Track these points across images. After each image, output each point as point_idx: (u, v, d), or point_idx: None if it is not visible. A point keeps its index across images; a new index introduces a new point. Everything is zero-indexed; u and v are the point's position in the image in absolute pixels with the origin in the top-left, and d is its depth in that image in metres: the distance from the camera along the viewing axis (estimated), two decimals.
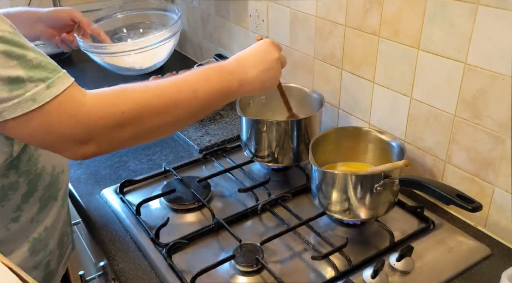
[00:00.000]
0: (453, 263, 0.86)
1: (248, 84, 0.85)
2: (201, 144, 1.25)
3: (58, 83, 0.67)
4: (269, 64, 0.88)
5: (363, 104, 1.13)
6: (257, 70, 0.86)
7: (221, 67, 0.84)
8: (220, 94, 0.82)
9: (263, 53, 0.88)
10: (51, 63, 0.68)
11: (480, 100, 0.87)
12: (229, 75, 0.83)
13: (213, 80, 0.81)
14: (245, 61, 0.87)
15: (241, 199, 1.05)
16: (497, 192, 0.90)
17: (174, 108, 0.76)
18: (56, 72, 0.68)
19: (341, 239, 0.92)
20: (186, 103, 0.77)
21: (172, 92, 0.76)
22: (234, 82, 0.83)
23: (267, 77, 0.88)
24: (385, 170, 0.87)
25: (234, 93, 0.84)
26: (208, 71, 0.82)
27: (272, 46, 0.90)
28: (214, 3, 1.60)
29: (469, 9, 0.84)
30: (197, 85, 0.79)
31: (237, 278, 0.85)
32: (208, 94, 0.79)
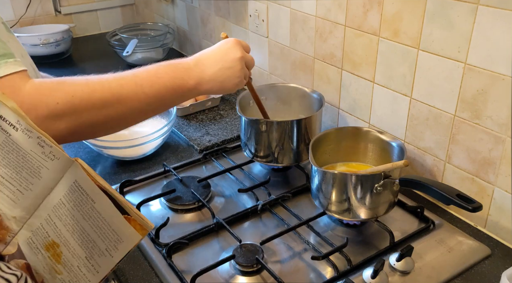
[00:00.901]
0: (453, 263, 0.86)
1: (206, 83, 0.84)
2: (201, 144, 1.25)
3: (3, 67, 0.66)
4: (230, 63, 0.86)
5: (363, 104, 1.13)
6: (216, 69, 0.85)
7: (175, 65, 0.82)
8: (172, 91, 0.80)
9: (224, 52, 0.87)
10: (5, 49, 0.67)
11: (480, 100, 0.87)
12: (184, 73, 0.81)
13: (164, 77, 0.79)
14: (204, 59, 0.85)
15: (241, 199, 1.05)
16: (497, 192, 0.90)
17: (116, 103, 0.74)
18: (6, 58, 0.67)
19: (341, 239, 0.92)
20: (130, 99, 0.75)
21: (115, 86, 0.74)
22: (190, 80, 0.82)
23: (227, 76, 0.86)
24: (385, 170, 0.87)
25: (190, 91, 0.83)
26: (160, 67, 0.80)
27: (235, 45, 0.88)
28: (214, 3, 1.61)
29: (469, 9, 0.84)
30: (145, 81, 0.77)
31: (237, 278, 0.85)
32: (157, 91, 0.78)
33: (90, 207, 0.56)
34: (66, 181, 0.57)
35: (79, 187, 0.56)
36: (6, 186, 0.60)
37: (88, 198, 0.56)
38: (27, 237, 0.61)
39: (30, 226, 0.61)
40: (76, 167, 0.56)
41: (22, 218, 0.61)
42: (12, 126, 0.57)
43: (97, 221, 0.56)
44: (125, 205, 0.54)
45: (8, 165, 0.58)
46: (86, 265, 0.58)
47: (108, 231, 0.56)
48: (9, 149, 0.58)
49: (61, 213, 0.58)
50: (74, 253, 0.59)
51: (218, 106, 1.45)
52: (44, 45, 1.78)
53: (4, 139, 0.57)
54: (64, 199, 0.58)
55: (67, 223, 0.58)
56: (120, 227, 0.55)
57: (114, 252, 0.56)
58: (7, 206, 0.60)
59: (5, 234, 0.62)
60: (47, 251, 0.60)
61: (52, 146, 0.56)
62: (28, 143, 0.57)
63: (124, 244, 0.56)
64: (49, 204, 0.59)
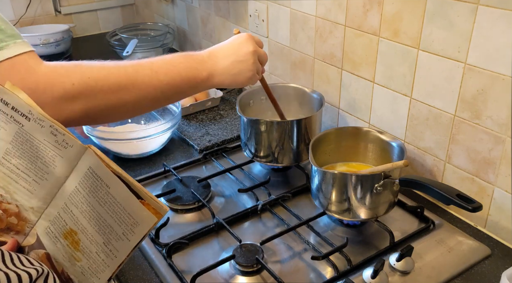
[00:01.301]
0: (453, 263, 0.86)
1: (219, 75, 0.85)
2: (201, 144, 1.25)
3: (13, 47, 0.66)
4: (243, 56, 0.87)
5: (363, 104, 1.13)
6: (228, 62, 0.86)
7: (190, 56, 0.83)
8: (186, 81, 0.81)
9: (237, 46, 0.88)
10: (12, 29, 0.67)
11: (480, 100, 0.87)
12: (198, 64, 0.82)
13: (179, 66, 0.80)
14: (217, 52, 0.86)
15: (241, 199, 1.05)
16: (497, 192, 0.90)
17: (132, 87, 0.75)
18: (14, 38, 0.67)
19: (341, 239, 0.92)
20: (145, 84, 0.76)
21: (131, 71, 0.75)
22: (203, 71, 0.83)
23: (239, 70, 0.87)
24: (385, 170, 0.87)
25: (204, 82, 0.84)
26: (176, 57, 0.82)
27: (248, 39, 0.89)
28: (214, 3, 1.61)
29: (469, 9, 0.84)
30: (160, 68, 0.78)
31: (237, 278, 0.85)
32: (171, 79, 0.79)
33: (105, 193, 0.56)
34: (81, 168, 0.58)
35: (93, 174, 0.57)
36: (22, 177, 0.60)
37: (102, 184, 0.56)
38: (45, 227, 0.62)
39: (48, 216, 0.61)
40: (89, 154, 0.56)
41: (40, 208, 0.61)
42: (24, 117, 0.57)
43: (112, 206, 0.56)
44: (140, 189, 0.55)
45: (22, 156, 0.59)
46: (104, 250, 0.59)
47: (124, 215, 0.56)
48: (22, 139, 0.58)
49: (77, 200, 0.59)
50: (92, 239, 0.59)
51: (218, 106, 1.45)
52: (44, 45, 1.78)
53: (17, 130, 0.58)
54: (79, 186, 0.58)
55: (83, 210, 0.58)
56: (135, 211, 0.55)
57: (131, 236, 0.57)
58: (24, 197, 0.61)
59: (24, 225, 0.63)
60: (65, 239, 0.61)
61: (65, 134, 0.57)
62: (41, 132, 0.57)
63: (140, 227, 0.56)
64: (64, 193, 0.59)
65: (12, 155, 0.59)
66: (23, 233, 0.63)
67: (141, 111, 0.81)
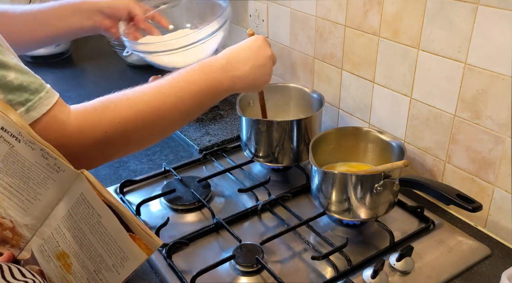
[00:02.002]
0: (453, 263, 0.86)
1: (240, 81, 0.82)
2: (201, 144, 1.25)
3: (39, 105, 0.62)
4: (262, 60, 0.85)
5: (363, 104, 1.13)
6: (249, 66, 0.83)
7: (209, 66, 0.80)
8: (210, 96, 0.79)
9: (256, 49, 0.85)
10: (34, 82, 0.63)
11: (480, 100, 0.87)
12: (219, 74, 0.80)
13: (201, 83, 0.77)
14: (236, 56, 0.84)
15: (241, 199, 1.05)
16: (497, 192, 0.90)
17: (160, 120, 0.73)
18: (38, 93, 0.62)
19: (341, 239, 0.92)
20: (172, 113, 0.74)
21: (157, 103, 0.72)
22: (225, 80, 0.80)
23: (259, 74, 0.85)
24: (385, 170, 0.87)
25: (225, 91, 0.82)
26: (197, 72, 0.78)
27: (265, 43, 0.87)
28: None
29: (469, 9, 0.84)
30: (184, 92, 0.75)
31: (237, 278, 0.85)
32: (195, 98, 0.76)
33: (96, 222, 0.55)
34: (73, 193, 0.57)
35: (85, 200, 0.56)
36: (15, 195, 0.59)
37: (94, 213, 0.55)
38: (39, 244, 0.62)
39: (42, 234, 0.61)
40: (81, 180, 0.56)
41: (34, 226, 0.61)
42: (14, 138, 0.56)
43: (103, 236, 0.55)
44: (131, 221, 0.53)
45: (14, 175, 0.58)
46: (94, 278, 0.58)
47: (114, 247, 0.55)
48: (13, 159, 0.57)
49: (69, 225, 0.58)
50: (83, 265, 0.58)
51: (218, 106, 1.45)
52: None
53: (7, 150, 0.57)
54: (71, 211, 0.57)
55: (75, 235, 0.58)
56: (125, 245, 0.54)
57: (120, 269, 0.56)
58: (18, 214, 0.60)
59: (19, 240, 0.62)
60: (58, 260, 0.60)
61: (57, 159, 0.56)
62: (32, 154, 0.56)
63: (130, 262, 0.55)
64: (58, 214, 0.59)
65: (4, 173, 0.58)
66: (18, 247, 0.63)
67: (167, 135, 0.79)
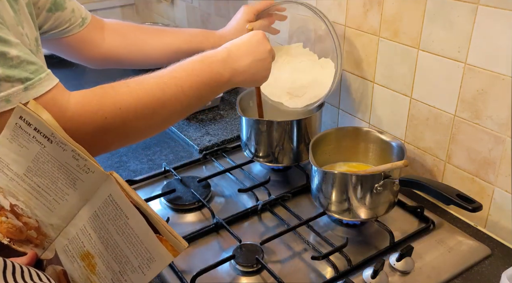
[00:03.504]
0: (453, 263, 0.86)
1: (240, 74, 0.83)
2: (201, 144, 1.25)
3: (38, 85, 0.63)
4: (262, 54, 0.86)
5: (363, 104, 1.13)
6: (249, 60, 0.84)
7: (210, 58, 0.81)
8: (210, 87, 0.79)
9: (255, 44, 0.86)
10: (35, 63, 0.64)
11: (480, 100, 0.87)
12: (219, 67, 0.80)
13: (202, 75, 0.78)
14: (236, 50, 0.84)
15: (241, 199, 1.05)
16: (497, 192, 0.90)
17: (161, 109, 0.73)
18: (38, 73, 0.63)
19: (341, 239, 0.92)
20: (173, 102, 0.74)
21: (158, 92, 0.72)
22: (225, 72, 0.81)
23: (259, 69, 0.86)
24: (385, 170, 0.87)
25: (226, 83, 0.82)
26: (197, 64, 0.79)
27: (264, 38, 0.88)
28: (214, 3, 1.61)
29: (469, 9, 0.84)
30: (185, 82, 0.75)
31: (237, 278, 0.85)
32: (196, 90, 0.77)
33: (124, 223, 0.55)
34: (101, 194, 0.57)
35: (113, 202, 0.56)
36: (42, 195, 0.60)
37: (122, 214, 0.55)
38: (63, 245, 0.62)
39: (67, 234, 0.61)
40: (111, 181, 0.56)
41: (59, 226, 0.61)
42: (46, 138, 0.56)
43: (130, 237, 0.56)
44: (158, 223, 0.54)
45: (43, 175, 0.58)
46: (119, 279, 0.58)
47: (141, 248, 0.55)
48: (44, 159, 0.58)
49: (95, 225, 0.58)
50: (108, 266, 0.58)
51: (218, 106, 1.45)
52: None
53: (39, 150, 0.57)
54: (98, 212, 0.57)
55: (101, 236, 0.58)
56: (152, 246, 0.54)
57: (146, 270, 0.56)
58: (44, 213, 0.61)
59: (43, 239, 0.63)
60: (82, 260, 0.60)
61: (87, 160, 0.56)
62: (63, 155, 0.56)
63: (156, 263, 0.55)
64: (84, 215, 0.59)
65: (33, 173, 0.59)
66: (42, 247, 0.63)
67: (168, 126, 0.80)
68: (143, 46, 1.03)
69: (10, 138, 0.58)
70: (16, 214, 0.61)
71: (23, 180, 0.60)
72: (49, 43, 0.94)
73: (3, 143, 0.58)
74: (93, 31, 0.98)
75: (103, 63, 1.03)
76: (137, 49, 1.03)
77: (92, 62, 1.03)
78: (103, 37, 1.00)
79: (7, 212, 0.61)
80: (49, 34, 0.91)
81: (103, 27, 1.01)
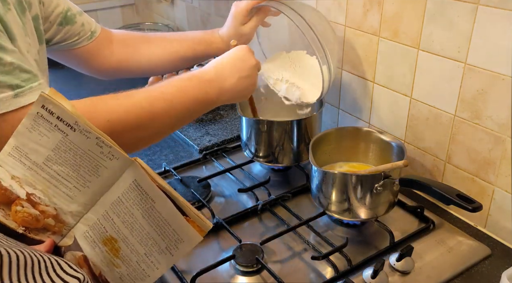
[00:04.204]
0: (453, 263, 0.86)
1: (227, 93, 0.85)
2: (201, 144, 1.25)
3: (28, 93, 0.64)
4: (247, 71, 0.87)
5: (363, 104, 1.13)
6: (235, 79, 0.85)
7: (198, 77, 0.83)
8: (198, 104, 0.81)
9: (240, 60, 0.87)
10: (29, 72, 0.65)
11: (480, 100, 0.87)
12: (208, 86, 0.82)
13: (190, 92, 0.80)
14: (222, 69, 0.85)
15: (241, 199, 1.05)
16: (497, 192, 0.90)
17: (150, 122, 0.74)
18: (30, 82, 0.64)
19: (341, 239, 0.92)
20: (162, 116, 0.76)
21: (146, 106, 0.74)
22: (213, 93, 0.83)
23: (245, 85, 0.87)
24: (385, 170, 0.87)
25: (213, 102, 0.84)
26: (185, 82, 0.81)
27: (249, 52, 0.89)
28: (214, 3, 1.60)
29: (469, 9, 0.84)
30: (173, 96, 0.77)
31: (237, 278, 0.85)
32: (184, 105, 0.79)
33: (150, 207, 0.56)
34: (125, 179, 0.58)
35: (138, 186, 0.57)
36: (62, 183, 0.60)
37: (148, 198, 0.56)
38: (83, 231, 0.62)
39: (87, 220, 0.61)
40: (135, 167, 0.57)
41: (79, 212, 0.61)
42: (69, 127, 0.56)
43: (157, 220, 0.57)
44: (184, 205, 0.55)
45: (64, 163, 0.59)
46: (145, 261, 0.59)
47: (168, 230, 0.56)
48: (66, 148, 0.58)
49: (119, 210, 0.59)
50: (132, 249, 0.59)
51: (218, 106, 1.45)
52: None
53: (61, 138, 0.57)
54: (122, 197, 0.58)
55: (125, 220, 0.59)
56: (181, 228, 0.56)
57: (174, 251, 0.57)
58: (63, 201, 0.61)
59: (61, 227, 0.63)
60: (104, 245, 0.61)
61: (112, 147, 0.57)
62: (86, 143, 0.57)
63: (184, 244, 0.57)
64: (106, 201, 0.59)
65: (53, 161, 0.59)
66: (60, 234, 0.63)
67: (157, 140, 0.81)
68: (150, 57, 1.05)
69: (30, 127, 0.57)
70: (32, 203, 0.61)
71: (42, 169, 0.60)
72: (59, 54, 0.97)
73: (22, 133, 0.58)
74: (102, 43, 1.00)
75: (112, 74, 1.05)
76: (145, 60, 1.05)
77: (101, 74, 1.05)
78: (111, 49, 1.02)
79: (23, 201, 0.61)
80: (58, 46, 0.94)
81: (112, 40, 1.03)
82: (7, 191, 0.60)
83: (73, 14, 0.93)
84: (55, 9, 0.89)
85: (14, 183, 0.60)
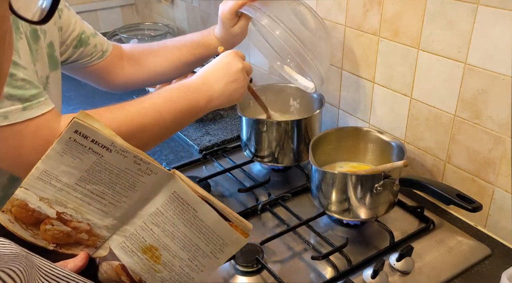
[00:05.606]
0: (453, 263, 0.86)
1: (215, 99, 0.87)
2: (201, 144, 1.25)
3: (36, 107, 0.69)
4: (234, 75, 0.89)
5: (363, 104, 1.13)
6: (222, 84, 0.88)
7: (186, 86, 0.86)
8: (187, 113, 0.84)
9: (226, 66, 0.89)
10: (37, 87, 0.70)
11: (480, 100, 0.87)
12: (195, 94, 0.85)
13: (179, 101, 0.83)
14: (209, 76, 0.88)
15: (241, 199, 1.05)
16: (497, 192, 0.90)
17: (141, 133, 0.78)
18: (38, 97, 0.70)
19: (341, 239, 0.92)
20: (152, 126, 0.80)
21: (137, 117, 0.78)
22: (201, 100, 0.86)
23: (233, 89, 0.89)
24: (385, 170, 0.87)
25: (202, 109, 0.87)
26: (174, 91, 0.85)
27: (235, 57, 0.91)
28: (214, 3, 1.60)
29: (469, 9, 0.84)
30: (163, 107, 0.81)
31: (237, 278, 0.85)
32: (174, 115, 0.82)
33: (192, 216, 0.59)
34: (164, 192, 0.59)
35: (178, 198, 0.59)
36: (96, 200, 0.60)
37: (189, 208, 0.59)
38: (119, 242, 0.63)
39: (123, 232, 0.62)
40: (175, 180, 0.58)
41: (114, 226, 0.62)
42: (105, 148, 0.57)
43: (200, 228, 0.59)
44: (226, 212, 0.58)
45: (99, 182, 0.59)
46: (189, 265, 0.61)
47: (212, 236, 0.59)
48: (100, 168, 0.58)
49: (158, 221, 0.60)
50: (175, 255, 0.61)
51: None
52: None
53: (95, 160, 0.57)
54: (161, 208, 0.60)
55: (165, 230, 0.60)
56: (226, 233, 0.59)
57: (219, 254, 0.60)
58: (98, 217, 0.61)
59: (95, 240, 0.63)
60: (144, 253, 0.62)
61: (150, 163, 0.57)
62: (124, 162, 0.57)
63: (230, 247, 0.60)
64: (143, 213, 0.61)
65: (87, 181, 0.59)
66: (94, 246, 0.64)
67: (147, 150, 0.83)
68: (156, 68, 1.09)
69: (62, 152, 0.56)
70: (63, 221, 0.61)
71: (74, 190, 0.59)
72: (73, 71, 1.03)
73: (53, 157, 0.57)
74: (112, 61, 1.05)
75: (123, 88, 1.11)
76: (152, 72, 1.10)
77: (113, 88, 1.10)
78: (122, 65, 1.07)
79: (53, 220, 0.61)
80: (71, 65, 0.99)
81: (122, 56, 1.07)
82: (35, 212, 0.61)
83: (87, 36, 0.98)
84: (71, 33, 0.94)
85: (42, 204, 0.60)
